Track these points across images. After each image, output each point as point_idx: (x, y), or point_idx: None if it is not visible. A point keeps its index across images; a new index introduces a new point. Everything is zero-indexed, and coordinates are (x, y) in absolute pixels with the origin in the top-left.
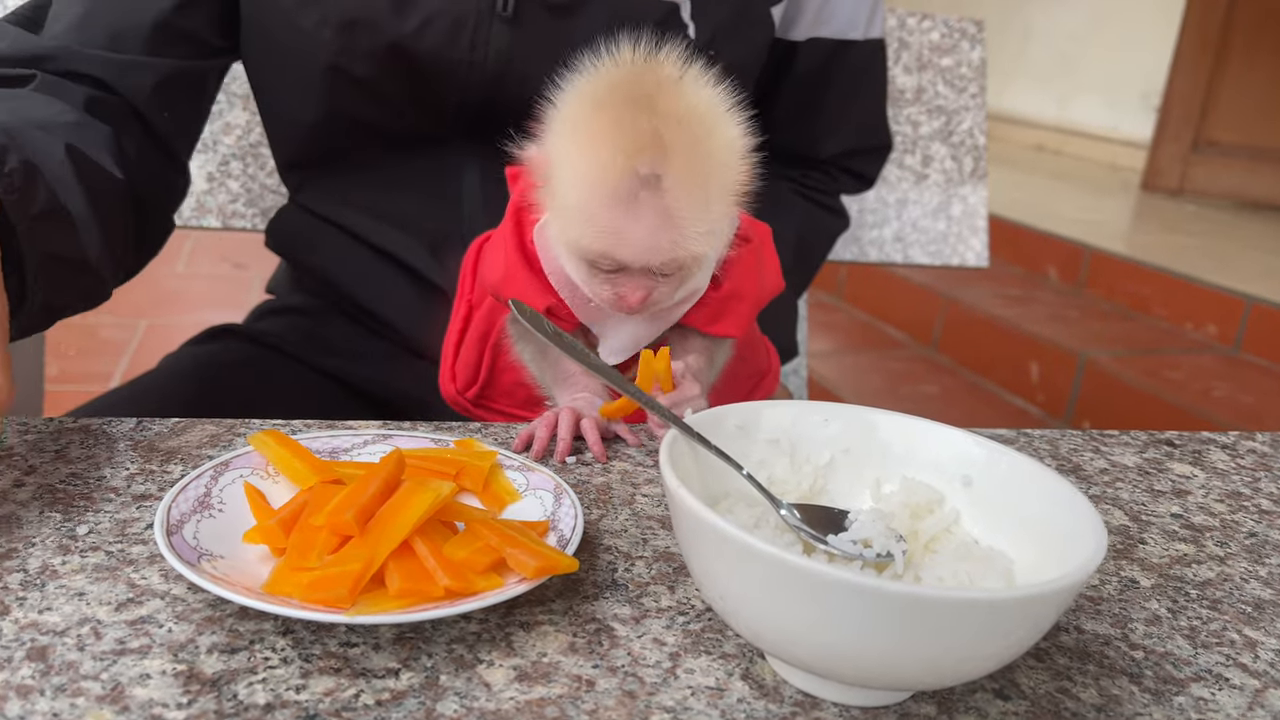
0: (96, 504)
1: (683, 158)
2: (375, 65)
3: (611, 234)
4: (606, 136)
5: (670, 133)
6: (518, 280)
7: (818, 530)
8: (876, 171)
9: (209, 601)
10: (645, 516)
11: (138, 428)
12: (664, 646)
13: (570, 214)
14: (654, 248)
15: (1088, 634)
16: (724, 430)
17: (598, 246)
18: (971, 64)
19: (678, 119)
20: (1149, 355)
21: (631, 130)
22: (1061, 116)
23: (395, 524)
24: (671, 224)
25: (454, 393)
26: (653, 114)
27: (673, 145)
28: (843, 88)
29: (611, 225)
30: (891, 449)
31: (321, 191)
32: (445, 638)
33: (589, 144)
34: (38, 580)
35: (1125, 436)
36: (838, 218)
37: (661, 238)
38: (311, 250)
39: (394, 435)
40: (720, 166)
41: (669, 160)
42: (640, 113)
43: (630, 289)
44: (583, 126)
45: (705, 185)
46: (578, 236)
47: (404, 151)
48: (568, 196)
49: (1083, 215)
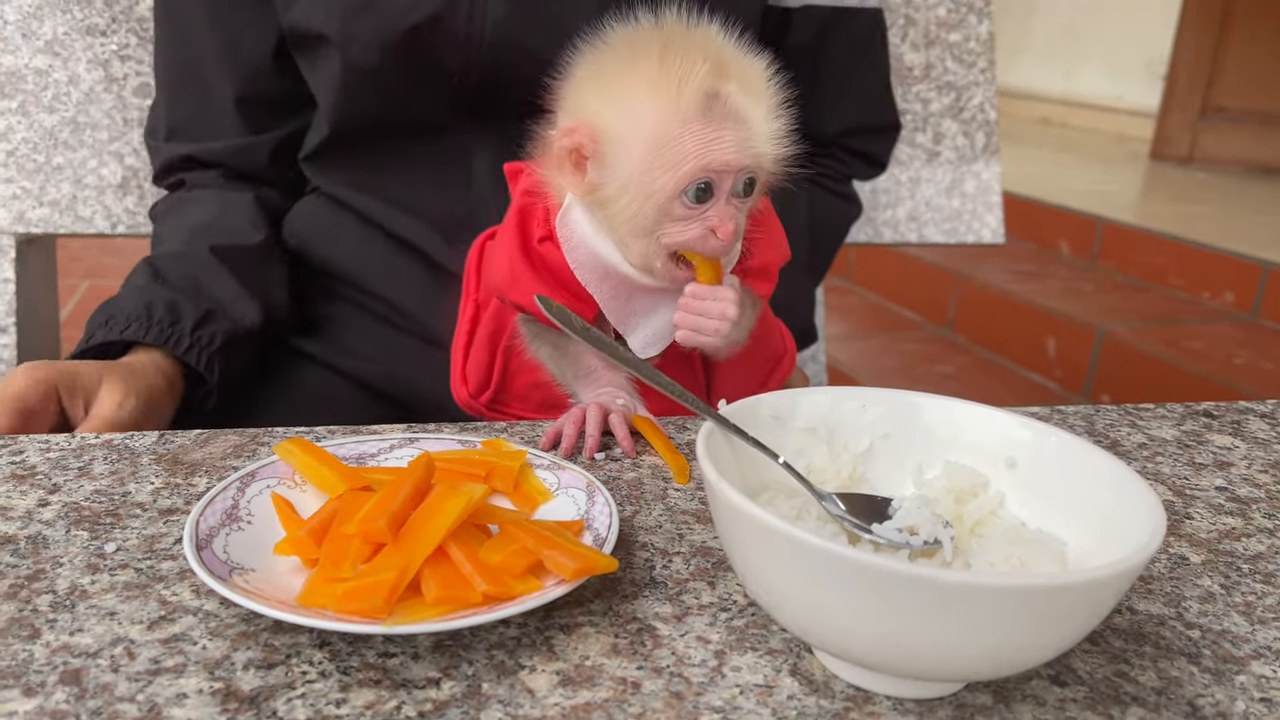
0: (123, 521)
1: (736, 74)
2: (379, 47)
3: (702, 144)
4: (659, 72)
5: (723, 56)
6: (522, 282)
7: (861, 519)
8: (886, 153)
9: (242, 616)
10: (680, 511)
11: (160, 441)
12: (708, 644)
13: (648, 157)
14: (745, 144)
15: (1141, 614)
16: (759, 420)
17: (689, 167)
18: (979, 38)
19: (717, 48)
20: (1167, 325)
21: (682, 59)
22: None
23: (429, 530)
24: (748, 126)
25: (466, 396)
26: (692, 45)
27: (727, 66)
28: (841, 60)
29: (699, 137)
30: (933, 433)
31: (336, 180)
32: (485, 644)
33: (643, 86)
34: (67, 601)
35: (1162, 409)
36: (849, 204)
37: (746, 134)
38: (330, 242)
39: (420, 438)
40: (766, 86)
41: (726, 77)
42: (681, 46)
43: (724, 218)
44: (628, 78)
45: (763, 99)
46: (665, 171)
47: (413, 139)
48: (636, 142)
49: (1093, 187)
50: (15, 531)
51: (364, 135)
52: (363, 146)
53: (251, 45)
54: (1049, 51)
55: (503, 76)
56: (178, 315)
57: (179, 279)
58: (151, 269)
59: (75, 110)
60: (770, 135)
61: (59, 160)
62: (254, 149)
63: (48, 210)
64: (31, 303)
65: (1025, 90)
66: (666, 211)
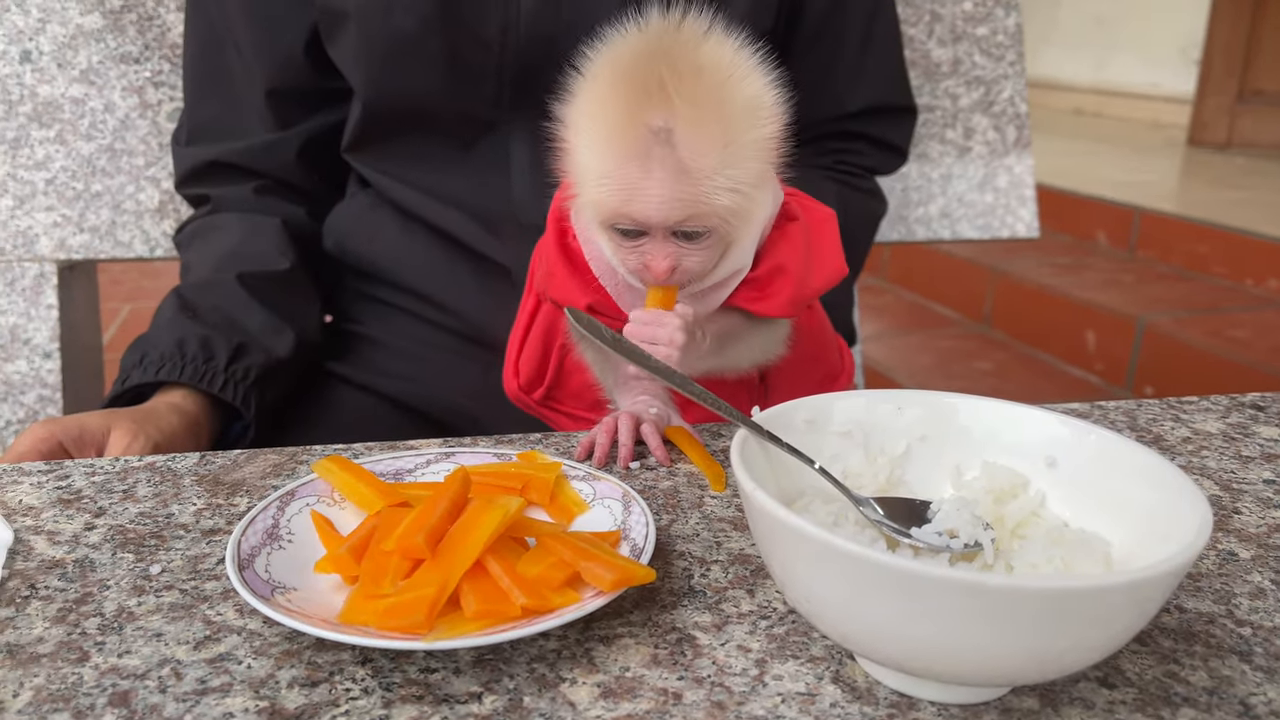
0: (167, 542)
1: (695, 110)
2: (418, 15)
3: (626, 190)
4: (617, 93)
5: (683, 85)
6: (558, 277)
7: (899, 523)
8: (905, 139)
9: (285, 635)
10: (716, 519)
11: (201, 462)
12: (749, 653)
13: (588, 177)
14: (670, 201)
15: (1190, 613)
16: (793, 425)
17: (613, 204)
18: (1008, 31)
19: (693, 71)
20: (1210, 315)
21: (641, 85)
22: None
23: (467, 544)
24: (687, 177)
25: (516, 389)
26: (666, 68)
27: (685, 97)
28: (852, 37)
29: (625, 181)
30: (970, 433)
31: (376, 170)
32: (525, 657)
33: (600, 103)
34: (115, 623)
35: (1205, 402)
36: (875, 200)
37: (679, 191)
38: (370, 239)
39: (456, 452)
40: (740, 119)
41: (680, 112)
42: (652, 68)
43: (656, 255)
44: (597, 87)
45: (724, 137)
46: (596, 199)
47: (452, 130)
48: (584, 159)
49: (1129, 176)
50: (63, 555)
51: (402, 123)
52: (401, 136)
53: (287, 34)
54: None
55: (539, 50)
56: (211, 352)
57: (209, 311)
58: (181, 301)
59: (112, 137)
60: (722, 185)
61: (97, 187)
62: (280, 146)
63: (88, 236)
64: (75, 328)
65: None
66: (608, 234)
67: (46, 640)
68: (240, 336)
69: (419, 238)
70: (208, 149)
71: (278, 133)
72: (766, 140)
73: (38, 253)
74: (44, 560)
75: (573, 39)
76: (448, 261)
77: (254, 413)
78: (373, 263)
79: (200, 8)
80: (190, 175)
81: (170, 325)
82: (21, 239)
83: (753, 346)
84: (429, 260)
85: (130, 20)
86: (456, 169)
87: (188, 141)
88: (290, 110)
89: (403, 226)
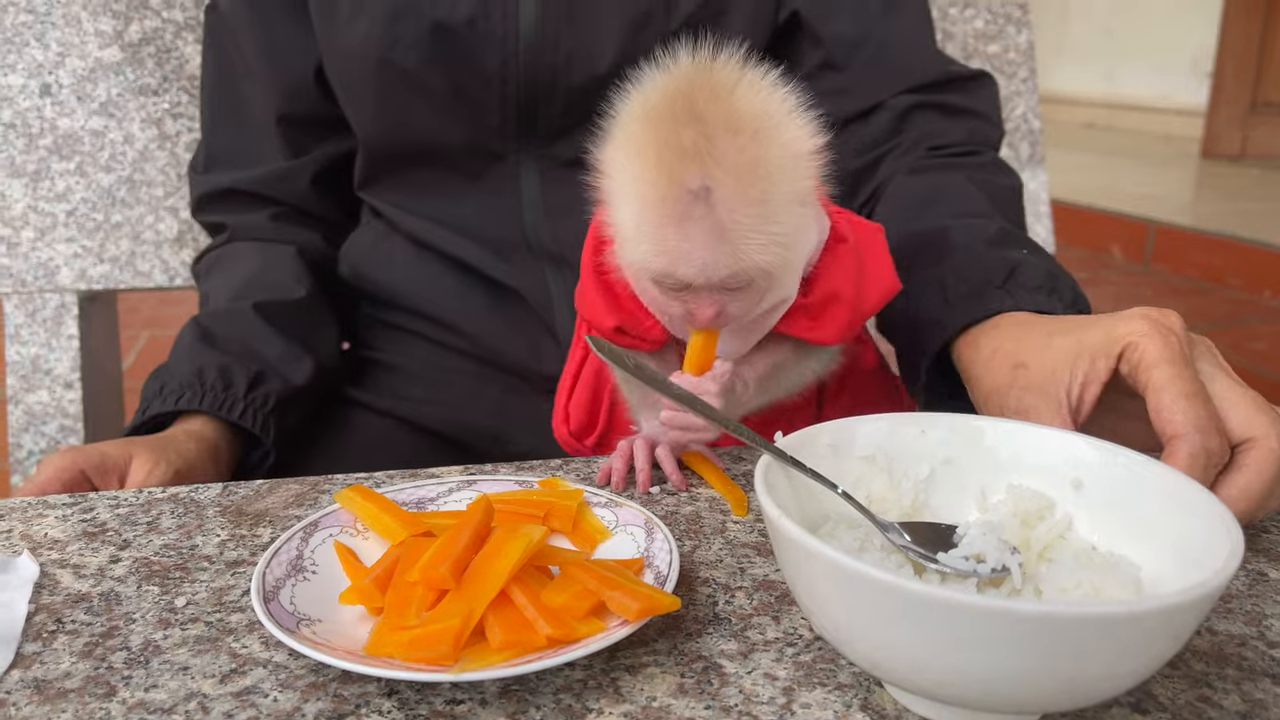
0: (192, 574)
1: (733, 168)
2: (420, 52)
3: (668, 253)
4: (653, 153)
5: (718, 143)
6: (587, 297)
7: (925, 548)
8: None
9: (311, 667)
10: (739, 544)
11: (224, 493)
12: (776, 681)
13: (627, 234)
14: (712, 263)
15: (1221, 635)
16: (816, 450)
17: (657, 266)
18: (1019, 48)
19: (727, 127)
20: (1228, 328)
21: (677, 144)
22: (1110, 92)
23: (491, 574)
24: (727, 238)
25: (567, 434)
26: (701, 125)
27: (721, 156)
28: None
29: (666, 244)
30: (995, 456)
31: (388, 203)
32: (551, 688)
33: (637, 161)
34: (141, 657)
35: None
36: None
37: (719, 253)
38: (386, 265)
39: (478, 479)
40: (777, 172)
41: (717, 172)
42: (687, 125)
43: (700, 307)
44: (631, 142)
45: (762, 195)
46: (637, 257)
47: (460, 161)
48: (623, 217)
49: (1142, 190)
50: (89, 589)
51: (408, 158)
52: (409, 170)
53: (296, 62)
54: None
55: (541, 82)
56: (230, 380)
57: (227, 340)
58: (199, 330)
59: (131, 169)
60: (762, 241)
61: (117, 218)
62: (294, 173)
63: (108, 267)
64: (95, 357)
65: (1066, 95)
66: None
67: (74, 675)
68: (258, 365)
69: (432, 265)
70: (223, 176)
71: (291, 160)
72: (805, 189)
73: (59, 283)
74: (70, 594)
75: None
76: (461, 287)
77: (273, 439)
78: (388, 289)
79: (215, 37)
80: (206, 201)
81: (189, 354)
82: (43, 270)
83: (803, 372)
84: (443, 287)
85: (149, 53)
86: (466, 199)
87: (204, 169)
88: (303, 137)
89: (416, 254)
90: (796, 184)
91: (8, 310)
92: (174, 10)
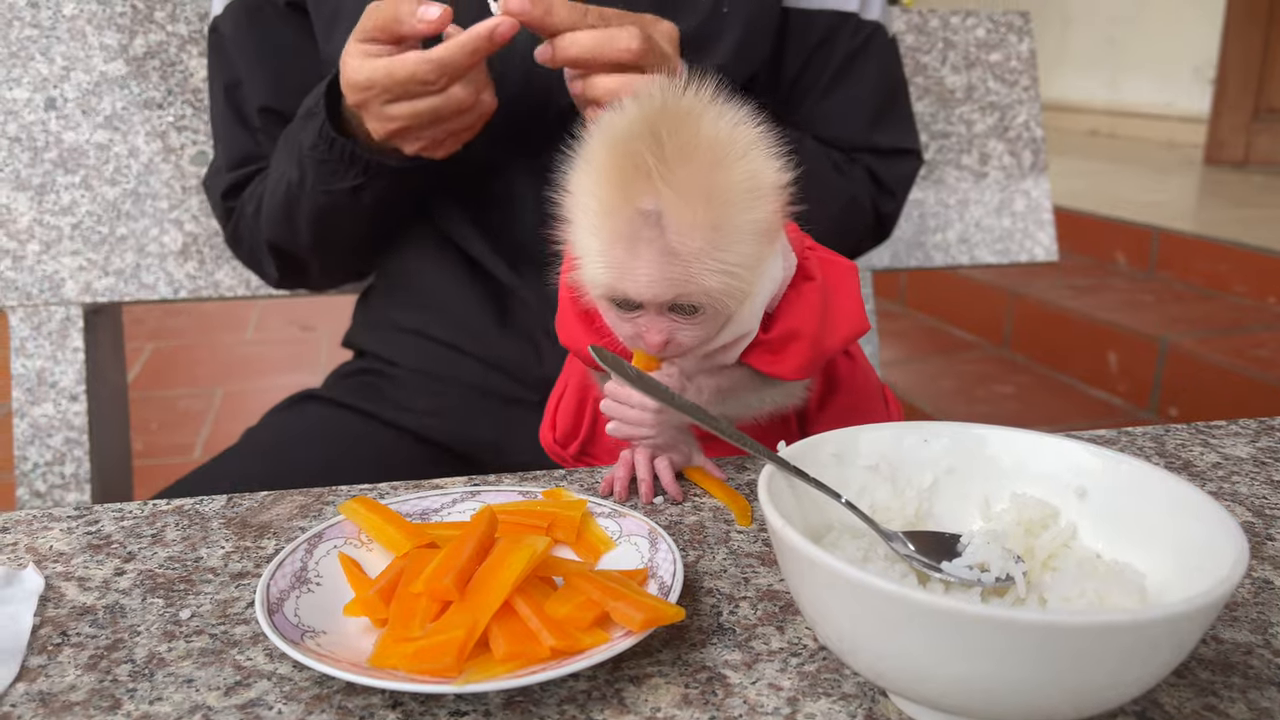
0: (196, 586)
1: (684, 192)
2: None
3: (615, 269)
4: (610, 173)
5: (673, 168)
6: (566, 320)
7: (929, 558)
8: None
9: (315, 679)
10: (743, 554)
11: (229, 504)
12: (780, 691)
13: (581, 251)
14: (659, 282)
15: (1227, 643)
16: (819, 460)
17: (606, 280)
18: (1021, 56)
19: (684, 153)
20: (1233, 335)
21: (632, 166)
22: (1112, 99)
23: (494, 585)
24: (676, 260)
25: (551, 442)
26: (659, 149)
27: (673, 180)
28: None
29: (615, 261)
30: (998, 464)
31: None
32: (555, 699)
33: (593, 182)
34: (146, 670)
35: (1234, 426)
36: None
37: (667, 273)
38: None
39: (482, 491)
40: (733, 201)
41: (669, 196)
42: (644, 148)
43: (649, 329)
44: (592, 163)
45: (714, 221)
46: (590, 274)
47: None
48: (579, 235)
49: (1146, 196)
50: (93, 601)
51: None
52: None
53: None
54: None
55: (535, 103)
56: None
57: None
58: None
59: (136, 181)
60: (712, 267)
61: (122, 230)
62: None
63: (113, 279)
64: (100, 369)
65: (1069, 102)
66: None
67: (78, 688)
68: None
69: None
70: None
71: None
72: (764, 220)
73: (64, 296)
74: (75, 607)
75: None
76: (464, 287)
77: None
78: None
79: (218, 56)
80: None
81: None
82: (48, 283)
83: (763, 399)
84: (447, 284)
85: (153, 66)
86: (467, 204)
87: (228, 168)
88: None
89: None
90: (755, 214)
91: (13, 323)
92: (178, 24)
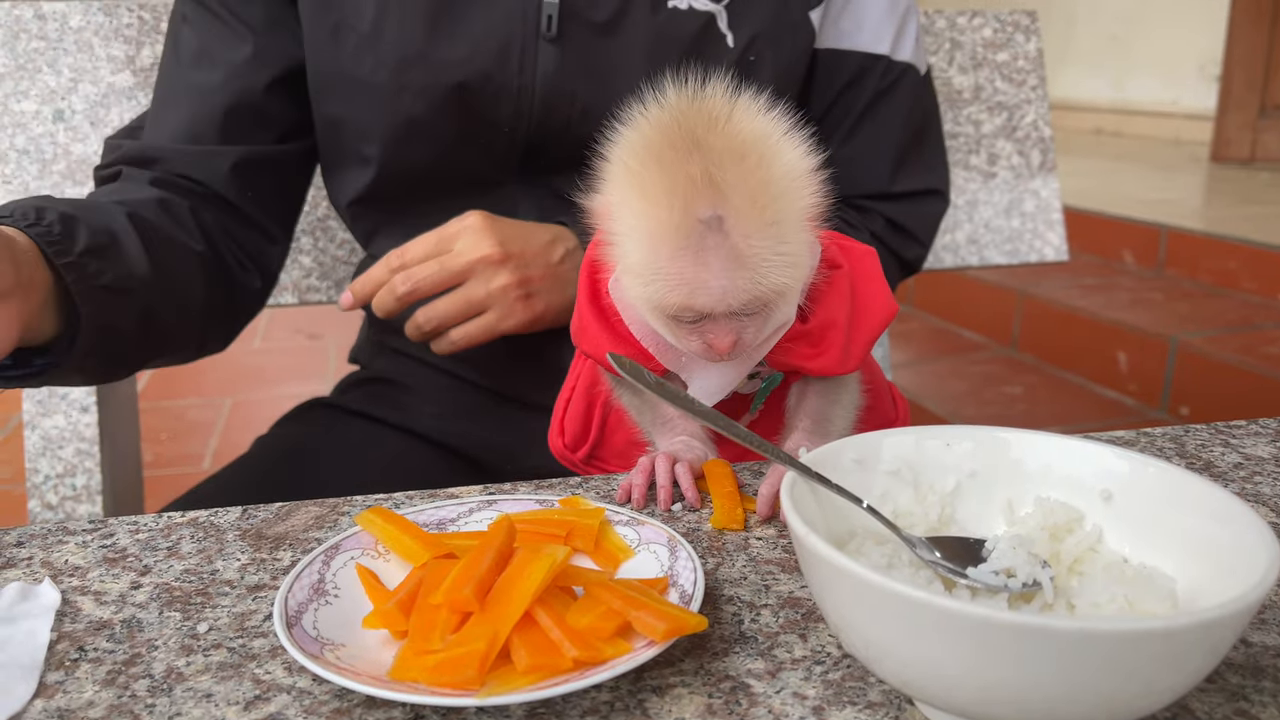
0: (213, 599)
1: (741, 194)
2: (430, 101)
3: (685, 285)
4: (660, 187)
5: (725, 170)
6: (590, 332)
7: (954, 563)
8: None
9: (335, 692)
10: (763, 561)
11: (243, 516)
12: (805, 700)
13: (640, 271)
14: (731, 290)
15: (1256, 646)
16: (841, 465)
17: (674, 300)
18: (1028, 56)
19: (731, 154)
20: (1243, 332)
21: (684, 176)
22: (1118, 97)
23: (515, 596)
24: (744, 263)
25: (561, 447)
26: (704, 154)
27: (728, 183)
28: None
29: (683, 276)
30: (1022, 468)
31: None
32: (578, 710)
33: (644, 197)
34: (164, 685)
35: (1255, 425)
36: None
37: (738, 278)
38: None
39: (498, 499)
40: (784, 194)
41: (727, 199)
42: (690, 156)
43: (718, 336)
44: (636, 179)
45: (773, 217)
46: (653, 293)
47: (458, 192)
48: (633, 254)
49: (1153, 195)
50: (110, 616)
51: (408, 187)
52: (407, 198)
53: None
54: (1096, 61)
55: (553, 129)
56: (71, 231)
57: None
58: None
59: None
60: (777, 262)
61: None
62: (217, 158)
63: None
64: None
65: (1074, 101)
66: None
67: (97, 704)
68: (107, 241)
69: None
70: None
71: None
72: (810, 208)
73: None
74: (92, 621)
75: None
76: None
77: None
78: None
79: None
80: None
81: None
82: None
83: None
84: None
85: None
86: None
87: (128, 135)
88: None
89: None
90: (802, 202)
91: None
92: None
